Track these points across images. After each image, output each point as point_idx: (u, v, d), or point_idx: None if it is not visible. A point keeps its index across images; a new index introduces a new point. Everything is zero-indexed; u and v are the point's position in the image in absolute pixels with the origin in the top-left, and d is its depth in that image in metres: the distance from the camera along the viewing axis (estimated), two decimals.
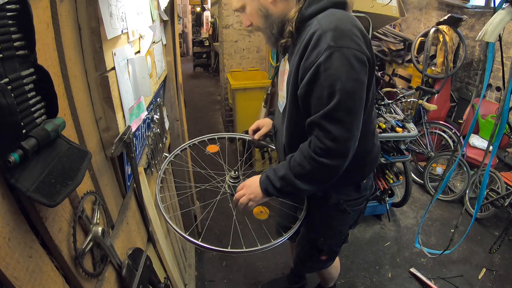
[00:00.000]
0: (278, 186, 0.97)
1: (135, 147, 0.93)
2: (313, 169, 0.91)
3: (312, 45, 0.82)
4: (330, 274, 1.64)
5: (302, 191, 0.95)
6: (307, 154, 0.91)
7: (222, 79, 3.85)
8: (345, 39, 0.81)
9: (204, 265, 2.08)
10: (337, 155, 0.88)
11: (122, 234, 0.78)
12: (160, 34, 1.30)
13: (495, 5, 1.37)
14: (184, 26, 9.29)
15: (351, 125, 0.86)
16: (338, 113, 0.83)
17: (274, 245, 1.00)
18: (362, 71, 0.84)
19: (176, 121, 1.63)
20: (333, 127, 0.84)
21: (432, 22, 3.36)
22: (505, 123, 1.48)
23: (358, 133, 0.89)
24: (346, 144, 0.87)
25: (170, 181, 1.65)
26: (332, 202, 1.15)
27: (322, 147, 0.87)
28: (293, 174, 0.94)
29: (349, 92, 0.82)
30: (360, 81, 0.84)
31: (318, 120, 0.86)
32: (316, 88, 0.85)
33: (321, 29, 0.82)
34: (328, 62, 0.80)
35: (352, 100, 0.84)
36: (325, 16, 0.85)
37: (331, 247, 1.32)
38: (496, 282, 1.98)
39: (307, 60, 0.84)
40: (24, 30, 0.41)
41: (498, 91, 3.11)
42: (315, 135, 0.89)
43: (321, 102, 0.84)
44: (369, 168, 1.15)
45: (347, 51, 0.80)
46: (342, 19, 0.84)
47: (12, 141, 0.40)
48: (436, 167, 2.85)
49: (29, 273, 0.44)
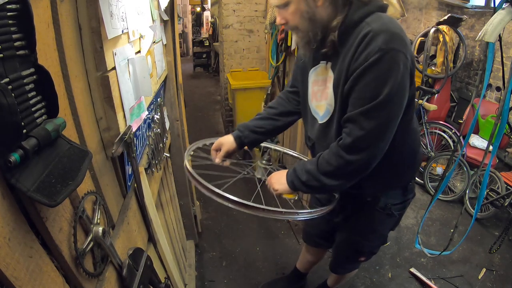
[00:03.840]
0: (303, 180, 0.98)
1: (136, 147, 0.93)
2: (339, 166, 0.92)
3: (363, 46, 0.82)
4: (346, 277, 1.66)
5: (328, 186, 0.96)
6: (335, 151, 0.92)
7: (222, 79, 3.84)
8: (395, 43, 0.81)
9: (204, 265, 2.08)
10: (362, 151, 0.89)
11: (123, 234, 0.78)
12: (160, 34, 1.30)
13: (495, 5, 1.37)
14: (184, 26, 9.29)
15: (386, 127, 0.87)
16: (378, 112, 0.84)
17: (311, 214, 1.01)
18: (406, 76, 0.84)
19: (176, 121, 1.63)
20: (368, 123, 0.85)
21: (432, 22, 3.35)
22: (505, 123, 1.48)
23: (390, 136, 0.90)
24: (374, 143, 0.88)
25: (171, 182, 1.65)
26: (380, 206, 1.15)
27: (350, 142, 0.88)
28: (319, 169, 0.95)
29: (392, 95, 0.83)
30: (403, 86, 0.84)
31: (355, 116, 0.86)
32: (359, 88, 0.85)
33: (373, 31, 0.81)
34: (377, 64, 0.81)
35: (394, 104, 0.85)
36: (374, 19, 0.85)
37: (372, 249, 1.34)
38: (496, 282, 1.98)
39: (357, 60, 0.84)
40: (25, 30, 0.41)
41: (498, 91, 3.11)
42: (347, 131, 0.89)
43: (362, 102, 0.85)
44: (415, 169, 1.15)
45: (397, 54, 0.81)
46: (391, 22, 0.85)
47: (13, 141, 0.40)
48: (436, 167, 2.85)
49: (29, 273, 0.44)
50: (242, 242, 2.29)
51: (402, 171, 1.09)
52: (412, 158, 1.09)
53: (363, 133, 0.86)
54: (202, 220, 2.45)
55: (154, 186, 1.16)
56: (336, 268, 1.52)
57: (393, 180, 1.09)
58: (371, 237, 1.27)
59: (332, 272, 1.56)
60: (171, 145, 1.65)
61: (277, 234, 2.36)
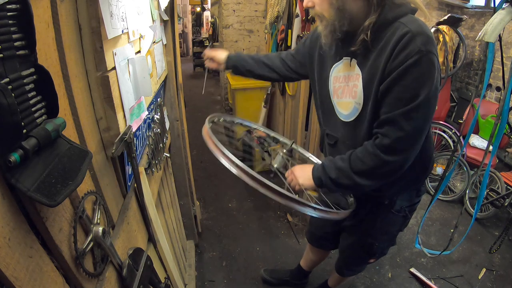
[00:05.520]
0: (333, 177, 0.97)
1: (136, 147, 0.93)
2: (374, 165, 0.91)
3: (402, 45, 0.82)
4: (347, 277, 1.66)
5: (358, 185, 0.95)
6: (372, 150, 0.91)
7: (222, 79, 3.85)
8: (431, 45, 0.82)
9: (204, 265, 2.08)
10: (400, 153, 0.89)
11: (123, 234, 0.78)
12: (160, 34, 1.30)
13: (495, 5, 1.37)
14: (184, 26, 9.30)
15: (423, 129, 0.88)
16: (416, 114, 0.84)
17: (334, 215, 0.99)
18: (439, 80, 0.86)
19: (176, 121, 1.63)
20: (407, 124, 0.85)
21: (432, 22, 3.35)
22: (505, 123, 1.48)
23: (424, 137, 0.91)
24: (412, 144, 0.89)
25: (171, 182, 1.65)
26: (396, 208, 1.15)
27: (389, 143, 0.88)
28: (352, 167, 0.94)
29: (430, 97, 0.83)
30: (437, 88, 0.86)
31: (395, 117, 0.86)
32: (398, 88, 0.84)
33: (411, 32, 0.81)
34: (417, 66, 0.81)
35: (429, 105, 0.85)
36: (410, 20, 0.84)
37: (383, 250, 1.35)
38: (496, 282, 1.98)
39: (395, 60, 0.83)
40: (25, 30, 0.41)
41: (498, 91, 3.11)
42: (384, 132, 0.89)
43: (401, 103, 0.85)
44: (429, 171, 1.15)
45: (433, 57, 0.82)
46: (425, 25, 0.85)
47: (13, 141, 0.40)
48: (436, 167, 2.85)
49: (29, 273, 0.44)
50: (242, 242, 2.29)
51: (419, 174, 1.10)
52: (428, 162, 1.10)
53: (402, 134, 0.86)
54: (202, 220, 2.45)
55: (154, 186, 1.16)
56: (344, 270, 1.52)
57: (410, 183, 1.10)
58: (384, 238, 1.27)
59: (338, 274, 1.56)
60: (171, 145, 1.65)
61: (277, 234, 2.36)
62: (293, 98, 2.65)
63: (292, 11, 2.35)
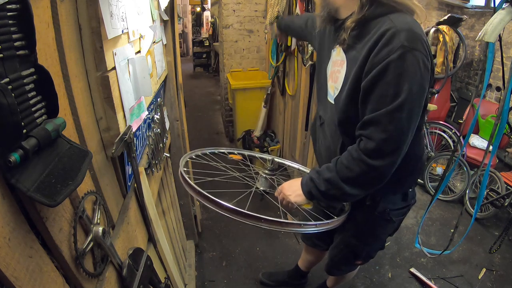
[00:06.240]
0: (322, 189, 0.94)
1: (136, 147, 0.93)
2: (362, 172, 0.88)
3: (385, 41, 0.80)
4: (345, 278, 1.65)
5: (348, 195, 0.93)
6: (357, 156, 0.88)
7: (222, 79, 3.84)
8: (418, 43, 0.80)
9: (204, 265, 2.08)
10: (387, 156, 0.86)
11: (123, 234, 0.78)
12: (160, 34, 1.30)
13: (495, 5, 1.37)
14: (184, 26, 9.30)
15: (407, 129, 0.85)
16: (399, 113, 0.82)
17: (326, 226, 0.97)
18: (426, 78, 0.83)
19: (176, 121, 1.63)
20: (391, 126, 0.83)
21: (432, 22, 3.35)
22: (505, 123, 1.48)
23: (411, 138, 0.88)
24: (398, 146, 0.85)
25: (171, 182, 1.65)
26: (379, 210, 1.13)
27: (374, 146, 0.85)
28: (340, 177, 0.91)
29: (414, 95, 0.81)
30: (423, 87, 0.83)
31: (378, 118, 0.84)
32: (381, 85, 0.82)
33: (395, 27, 0.80)
34: (399, 61, 0.79)
35: (414, 104, 0.83)
36: (398, 17, 0.84)
37: (369, 253, 1.33)
38: (496, 282, 1.98)
39: (377, 55, 0.82)
40: (25, 30, 0.41)
41: (498, 91, 3.11)
42: (368, 134, 0.86)
43: (384, 100, 0.82)
44: (417, 175, 1.13)
45: (419, 54, 0.80)
46: (415, 23, 0.84)
47: (13, 141, 0.40)
48: (436, 167, 2.85)
49: (29, 273, 0.44)
50: (242, 242, 2.29)
51: (404, 176, 1.05)
52: (414, 164, 1.07)
53: (386, 136, 0.83)
54: (202, 220, 2.46)
55: (154, 186, 1.16)
56: (331, 269, 1.51)
57: (394, 185, 1.05)
58: (369, 241, 1.26)
59: (327, 273, 1.56)
60: (171, 145, 1.65)
61: (277, 234, 2.36)
62: (293, 98, 2.65)
63: (292, 11, 2.35)
